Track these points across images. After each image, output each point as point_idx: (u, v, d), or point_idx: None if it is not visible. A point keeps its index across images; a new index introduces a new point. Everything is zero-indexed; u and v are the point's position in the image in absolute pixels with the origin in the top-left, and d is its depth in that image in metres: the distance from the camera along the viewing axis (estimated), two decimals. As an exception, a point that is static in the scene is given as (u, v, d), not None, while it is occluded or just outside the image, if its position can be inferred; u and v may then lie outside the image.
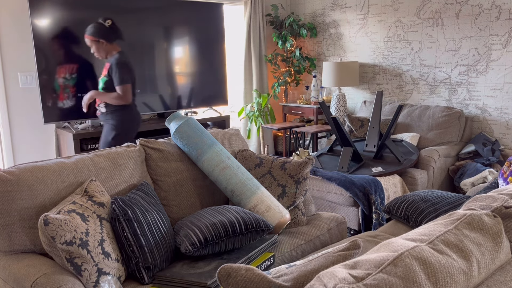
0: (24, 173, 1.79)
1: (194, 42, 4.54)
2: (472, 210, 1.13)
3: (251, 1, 5.14)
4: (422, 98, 4.48)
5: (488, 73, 3.98)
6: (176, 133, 2.31)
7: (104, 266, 1.62)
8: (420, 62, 4.44)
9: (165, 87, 4.38)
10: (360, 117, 4.40)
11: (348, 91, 5.15)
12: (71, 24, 3.74)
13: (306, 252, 2.20)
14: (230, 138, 2.60)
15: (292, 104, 5.30)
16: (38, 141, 3.95)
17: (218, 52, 4.77)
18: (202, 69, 4.65)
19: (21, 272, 1.59)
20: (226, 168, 2.23)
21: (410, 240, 0.99)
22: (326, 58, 5.33)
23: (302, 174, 2.37)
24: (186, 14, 4.44)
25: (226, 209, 2.01)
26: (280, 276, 1.01)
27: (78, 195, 1.80)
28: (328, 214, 2.50)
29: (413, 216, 2.17)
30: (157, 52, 4.28)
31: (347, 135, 3.57)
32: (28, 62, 3.82)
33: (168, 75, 4.39)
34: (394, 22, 4.57)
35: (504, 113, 3.94)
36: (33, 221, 1.76)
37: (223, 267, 1.01)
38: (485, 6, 3.92)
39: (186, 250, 1.82)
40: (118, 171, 2.06)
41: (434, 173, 3.66)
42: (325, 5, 5.21)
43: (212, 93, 4.78)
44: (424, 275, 0.86)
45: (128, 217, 1.76)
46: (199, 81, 4.64)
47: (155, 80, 4.30)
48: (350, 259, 1.05)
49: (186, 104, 4.57)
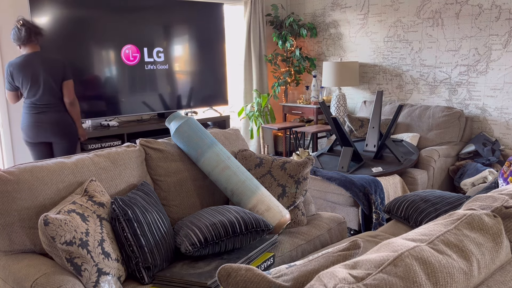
0: (24, 173, 1.79)
1: (194, 42, 4.54)
2: (472, 210, 1.13)
3: (251, 1, 5.14)
4: (422, 98, 4.48)
5: (488, 73, 3.98)
6: (176, 133, 2.31)
7: (104, 266, 1.62)
8: (420, 62, 4.44)
9: (165, 87, 4.38)
10: (360, 117, 4.40)
11: (348, 91, 5.15)
12: (72, 23, 3.74)
13: (306, 252, 2.20)
14: (230, 138, 2.60)
15: (292, 104, 5.30)
16: (38, 141, 3.94)
17: (218, 52, 4.77)
18: (202, 69, 4.65)
19: (21, 272, 1.59)
20: (226, 168, 2.23)
21: (410, 240, 0.99)
22: (326, 58, 5.33)
23: (302, 174, 2.37)
24: (186, 14, 4.44)
25: (226, 209, 2.01)
26: (280, 276, 1.01)
27: (78, 195, 1.80)
28: (328, 214, 2.50)
29: (413, 216, 2.17)
30: (157, 51, 4.28)
31: (347, 135, 3.57)
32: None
33: (168, 75, 4.39)
34: (394, 22, 4.57)
35: (504, 113, 3.94)
36: (33, 221, 1.76)
37: (223, 267, 1.01)
38: (485, 6, 3.92)
39: (186, 250, 1.81)
40: (118, 171, 2.06)
41: (434, 173, 3.66)
42: (325, 5, 5.21)
43: (212, 93, 4.78)
44: (424, 275, 0.86)
45: (128, 217, 1.76)
46: (199, 81, 4.64)
47: (155, 79, 4.30)
48: (350, 259, 1.05)
49: (186, 104, 4.57)
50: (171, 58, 4.38)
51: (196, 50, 4.57)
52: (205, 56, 4.65)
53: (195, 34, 4.54)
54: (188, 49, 4.51)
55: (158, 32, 4.26)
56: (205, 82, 4.70)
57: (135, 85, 4.17)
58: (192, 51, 4.54)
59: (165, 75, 4.37)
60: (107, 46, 3.96)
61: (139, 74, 4.19)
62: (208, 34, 4.65)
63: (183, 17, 4.42)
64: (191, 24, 4.50)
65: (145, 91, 4.24)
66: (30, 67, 3.17)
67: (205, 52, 4.65)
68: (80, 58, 3.84)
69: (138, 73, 4.18)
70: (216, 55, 4.76)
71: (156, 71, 4.29)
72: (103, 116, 4.02)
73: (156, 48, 4.27)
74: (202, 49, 4.62)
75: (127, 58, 4.09)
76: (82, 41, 3.82)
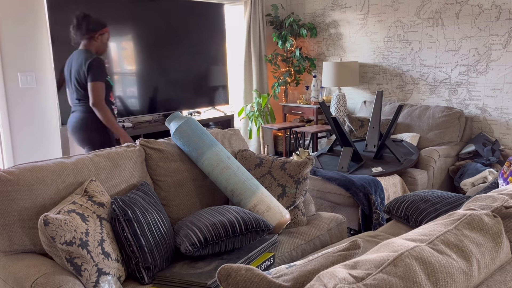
0: (24, 173, 1.79)
1: (194, 42, 4.54)
2: (472, 210, 1.13)
3: (251, 1, 5.14)
4: (422, 98, 4.48)
5: (488, 73, 3.98)
6: (176, 133, 2.31)
7: (104, 266, 1.62)
8: (420, 62, 4.44)
9: (166, 87, 4.38)
10: (360, 117, 4.40)
11: (348, 91, 5.15)
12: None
13: (306, 252, 2.20)
14: (230, 138, 2.60)
15: (292, 104, 5.30)
16: (38, 141, 3.95)
17: (219, 52, 4.77)
18: (203, 69, 4.66)
19: (21, 272, 1.59)
20: (226, 168, 2.23)
21: (410, 240, 0.99)
22: (326, 58, 5.33)
23: (302, 174, 2.37)
24: (186, 14, 4.44)
25: (226, 209, 2.01)
26: (280, 276, 1.01)
27: (78, 195, 1.80)
28: (328, 214, 2.50)
29: (413, 216, 2.17)
30: (158, 51, 4.28)
31: (347, 135, 3.57)
32: (28, 62, 3.82)
33: (169, 75, 4.39)
34: (394, 22, 4.57)
35: (504, 113, 3.94)
36: (33, 221, 1.76)
37: (223, 267, 1.01)
38: (485, 6, 3.92)
39: (186, 250, 1.81)
40: (118, 171, 2.06)
41: (434, 173, 3.66)
42: (325, 5, 5.21)
43: (214, 93, 4.79)
44: (424, 275, 0.86)
45: (128, 217, 1.76)
46: (200, 81, 4.64)
47: (155, 80, 4.30)
48: (350, 259, 1.05)
49: (188, 104, 4.57)
50: (171, 58, 4.38)
51: (196, 50, 4.57)
52: (206, 55, 4.65)
53: (195, 34, 4.54)
54: (188, 49, 4.51)
55: (158, 32, 4.26)
56: (206, 82, 4.70)
57: (140, 85, 4.17)
58: (193, 50, 4.54)
59: (166, 75, 4.36)
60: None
61: (139, 74, 4.18)
62: (208, 34, 4.65)
63: (183, 17, 4.42)
64: (191, 24, 4.49)
65: (146, 92, 4.24)
66: (68, 64, 3.20)
67: (206, 52, 4.65)
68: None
69: (139, 73, 4.18)
70: (217, 55, 4.76)
71: (157, 71, 4.29)
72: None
73: (157, 48, 4.27)
74: (203, 49, 4.62)
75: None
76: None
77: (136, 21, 4.10)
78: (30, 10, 3.73)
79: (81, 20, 3.19)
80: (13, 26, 3.73)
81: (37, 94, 3.89)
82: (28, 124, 3.89)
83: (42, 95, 3.89)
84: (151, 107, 4.30)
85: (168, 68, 4.38)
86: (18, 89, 3.81)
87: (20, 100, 3.82)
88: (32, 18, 3.74)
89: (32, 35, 3.76)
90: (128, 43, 4.09)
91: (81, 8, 3.76)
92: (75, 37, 3.21)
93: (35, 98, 3.90)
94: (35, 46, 3.79)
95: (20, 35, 3.75)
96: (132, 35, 4.10)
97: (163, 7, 4.26)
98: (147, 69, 4.23)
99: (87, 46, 3.20)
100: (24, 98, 3.85)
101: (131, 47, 4.11)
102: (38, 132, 3.95)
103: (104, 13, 3.90)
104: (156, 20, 4.24)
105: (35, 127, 3.93)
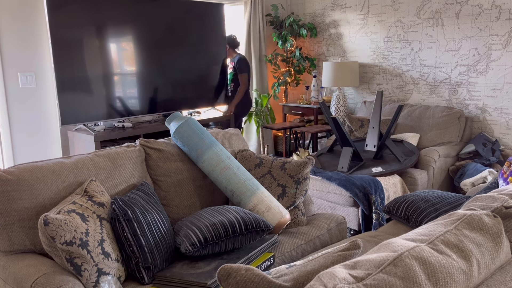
0: (24, 173, 1.79)
1: (194, 42, 4.54)
2: (472, 210, 1.13)
3: (251, 1, 5.14)
4: (422, 98, 4.48)
5: (488, 73, 3.98)
6: (176, 133, 2.31)
7: (104, 266, 1.62)
8: (420, 62, 4.44)
9: (166, 87, 4.38)
10: (360, 117, 4.40)
11: (348, 91, 5.15)
12: (91, 18, 3.74)
13: (306, 252, 2.20)
14: (230, 138, 2.60)
15: (292, 104, 5.30)
16: (38, 141, 3.95)
17: (219, 52, 4.77)
18: (203, 69, 4.66)
19: (21, 272, 1.59)
20: (226, 168, 2.23)
21: (410, 240, 0.99)
22: (326, 58, 5.33)
23: (302, 174, 2.37)
24: (186, 14, 4.44)
25: (226, 209, 2.01)
26: (280, 276, 1.01)
27: (78, 195, 1.80)
28: (328, 214, 2.50)
29: (413, 216, 2.17)
30: (158, 52, 4.28)
31: (347, 135, 3.57)
32: (28, 62, 3.82)
33: (169, 75, 4.39)
34: (394, 22, 4.57)
35: (504, 113, 3.94)
36: (33, 221, 1.76)
37: (223, 267, 1.01)
38: (485, 6, 3.92)
39: (186, 250, 1.81)
40: (118, 171, 2.06)
41: (434, 173, 3.66)
42: (325, 5, 5.21)
43: (214, 93, 4.79)
44: (424, 275, 0.86)
45: (128, 217, 1.76)
46: (200, 81, 4.64)
47: (155, 80, 4.30)
48: (350, 259, 1.05)
49: (188, 104, 4.57)
50: (171, 57, 4.37)
51: (196, 50, 4.57)
52: (206, 55, 4.65)
53: (195, 34, 4.54)
54: (188, 49, 4.51)
55: (158, 32, 4.26)
56: (206, 82, 4.70)
57: (140, 85, 4.17)
58: (193, 50, 4.54)
59: (166, 75, 4.36)
60: (107, 46, 3.96)
61: (139, 74, 4.18)
62: (208, 34, 4.65)
63: (183, 17, 4.42)
64: (191, 24, 4.50)
65: (146, 92, 4.24)
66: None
67: (206, 52, 4.65)
68: (103, 56, 3.84)
69: (139, 73, 4.18)
70: (217, 55, 4.76)
71: (157, 71, 4.29)
72: (113, 117, 4.02)
73: (157, 48, 4.27)
74: (203, 49, 4.62)
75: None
76: (101, 38, 3.82)
77: (136, 21, 4.10)
78: (30, 10, 3.73)
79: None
80: (13, 26, 3.73)
81: (37, 94, 3.89)
82: (28, 124, 3.89)
83: (42, 95, 3.89)
84: (151, 107, 4.30)
85: (168, 68, 4.38)
86: (18, 89, 3.81)
87: (20, 100, 3.82)
88: (32, 18, 3.74)
89: (32, 35, 3.76)
90: (128, 44, 4.09)
91: (81, 8, 3.76)
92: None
93: (35, 98, 3.90)
94: (35, 46, 3.79)
95: (20, 35, 3.75)
96: (132, 35, 4.10)
97: (163, 7, 4.26)
98: (147, 69, 4.23)
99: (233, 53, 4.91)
100: (24, 98, 3.85)
101: (131, 47, 4.11)
102: (38, 132, 3.95)
103: (104, 13, 3.90)
104: (156, 20, 4.24)
105: (35, 127, 3.93)
